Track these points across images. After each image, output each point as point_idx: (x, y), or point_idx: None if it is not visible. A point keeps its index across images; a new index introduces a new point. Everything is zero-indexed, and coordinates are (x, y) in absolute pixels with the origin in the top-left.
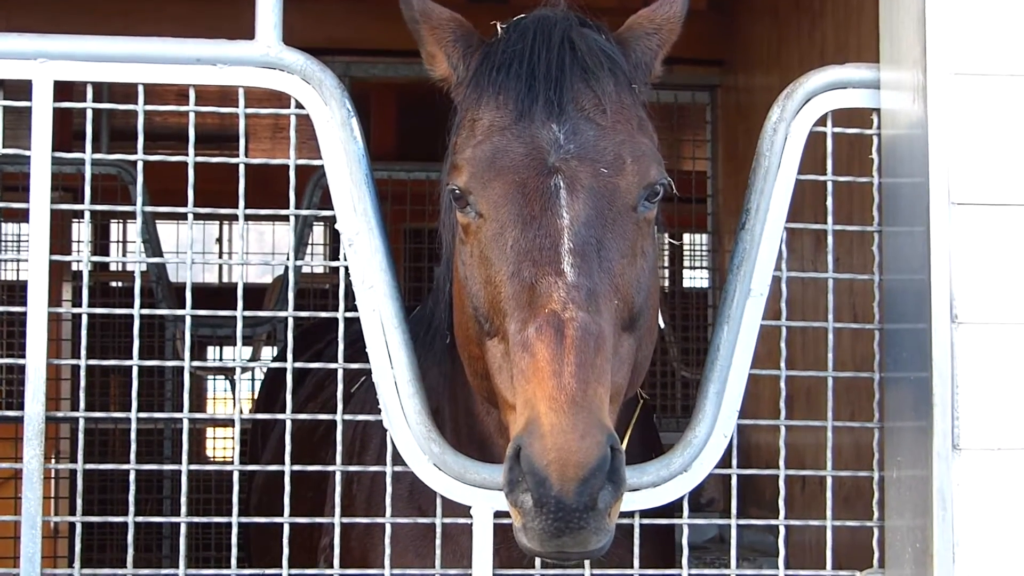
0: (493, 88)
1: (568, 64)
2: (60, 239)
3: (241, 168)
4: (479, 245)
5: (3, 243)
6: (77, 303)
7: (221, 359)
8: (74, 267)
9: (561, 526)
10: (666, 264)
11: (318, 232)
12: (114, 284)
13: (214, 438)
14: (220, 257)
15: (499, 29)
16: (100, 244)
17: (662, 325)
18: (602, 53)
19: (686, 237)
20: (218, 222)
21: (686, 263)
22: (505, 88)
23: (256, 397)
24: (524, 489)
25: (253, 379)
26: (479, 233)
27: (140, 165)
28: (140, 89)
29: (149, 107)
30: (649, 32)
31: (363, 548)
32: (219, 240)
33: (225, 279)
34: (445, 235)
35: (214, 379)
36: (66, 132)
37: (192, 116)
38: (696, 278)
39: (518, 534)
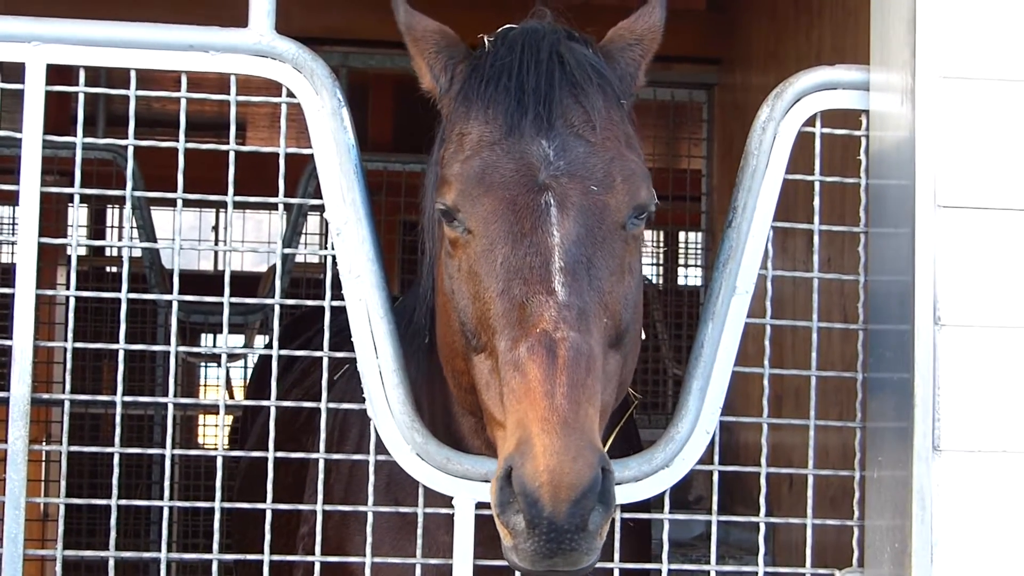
0: (482, 102)
1: (557, 79)
2: (55, 223)
3: (231, 155)
4: (468, 260)
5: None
6: (70, 287)
7: (214, 346)
8: (67, 251)
9: (553, 547)
10: (660, 262)
11: (313, 222)
12: (109, 269)
13: (204, 425)
14: (216, 246)
15: (486, 42)
16: (96, 230)
17: (642, 335)
18: (591, 68)
19: (680, 235)
20: (214, 211)
21: (680, 261)
22: (494, 102)
23: (247, 385)
24: (516, 510)
25: (246, 366)
26: (468, 248)
27: (131, 150)
28: (132, 74)
29: (141, 92)
30: (631, 43)
31: (340, 538)
32: (215, 228)
33: (221, 268)
34: (428, 242)
35: (206, 366)
36: (64, 117)
37: (183, 103)
38: (690, 276)
39: (508, 553)
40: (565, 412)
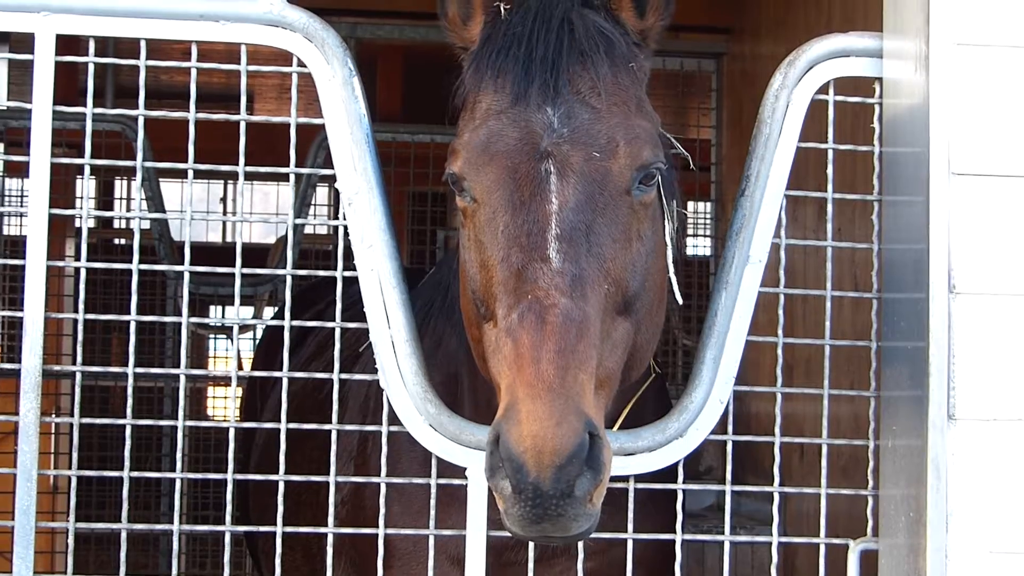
0: (492, 71)
1: (566, 47)
2: (64, 195)
3: (242, 125)
4: (475, 229)
5: (7, 198)
6: (79, 259)
7: (223, 318)
8: (77, 223)
9: (540, 512)
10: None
11: (322, 193)
12: (118, 241)
13: (213, 397)
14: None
15: (502, 10)
16: (104, 201)
17: (680, 300)
18: (599, 35)
19: (690, 205)
20: (223, 182)
21: (689, 231)
22: (503, 71)
23: (253, 358)
24: (504, 476)
25: (255, 338)
26: (474, 218)
27: (141, 120)
28: (142, 44)
29: (151, 62)
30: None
31: (376, 508)
32: (223, 200)
33: (229, 239)
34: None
35: (215, 338)
36: (72, 90)
37: (194, 72)
38: (699, 246)
39: (503, 518)
40: (551, 378)
